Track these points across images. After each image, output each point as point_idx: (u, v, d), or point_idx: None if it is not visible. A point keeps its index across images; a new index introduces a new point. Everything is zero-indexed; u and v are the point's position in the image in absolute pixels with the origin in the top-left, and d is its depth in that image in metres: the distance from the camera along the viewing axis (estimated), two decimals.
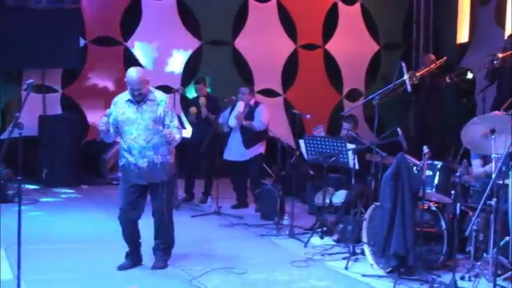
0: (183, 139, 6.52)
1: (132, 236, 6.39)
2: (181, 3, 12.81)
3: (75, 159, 11.52)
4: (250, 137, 9.31)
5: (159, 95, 6.26)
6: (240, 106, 9.27)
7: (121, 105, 6.17)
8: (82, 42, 12.02)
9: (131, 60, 12.51)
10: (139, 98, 6.07)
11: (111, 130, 6.12)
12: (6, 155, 4.85)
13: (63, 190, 10.95)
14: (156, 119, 6.12)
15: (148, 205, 6.40)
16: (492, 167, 5.76)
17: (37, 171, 11.48)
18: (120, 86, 4.47)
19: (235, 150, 9.40)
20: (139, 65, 12.59)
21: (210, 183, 10.07)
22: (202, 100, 9.77)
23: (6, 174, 9.87)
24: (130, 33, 12.46)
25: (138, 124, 6.09)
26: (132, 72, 6.08)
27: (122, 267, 6.33)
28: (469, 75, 12.67)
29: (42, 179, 11.34)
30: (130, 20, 12.52)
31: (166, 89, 12.22)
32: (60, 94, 12.27)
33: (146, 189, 6.29)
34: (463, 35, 13.25)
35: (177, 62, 12.70)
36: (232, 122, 9.28)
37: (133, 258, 6.46)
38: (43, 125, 11.79)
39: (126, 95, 6.19)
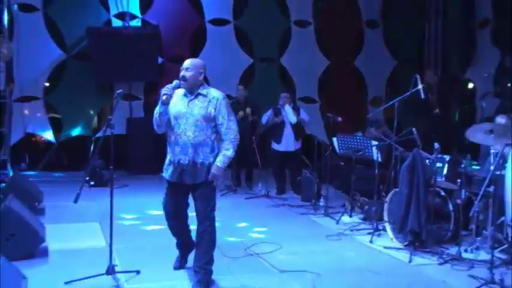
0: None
1: (180, 234, 5.21)
2: (237, 28, 12.87)
3: (155, 152, 11.65)
4: (299, 130, 9.37)
5: (213, 91, 4.85)
6: (288, 107, 9.26)
7: (176, 98, 4.84)
8: (160, 60, 12.17)
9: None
10: (185, 85, 4.74)
11: (165, 118, 4.81)
12: (101, 149, 4.97)
13: (146, 176, 11.07)
14: (206, 116, 4.74)
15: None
16: (491, 160, 5.73)
17: (125, 161, 11.66)
18: None
19: (287, 143, 9.36)
20: (205, 78, 12.71)
21: (252, 172, 10.08)
22: (248, 110, 9.77)
23: (101, 164, 10.06)
24: (198, 52, 12.57)
25: (187, 119, 4.74)
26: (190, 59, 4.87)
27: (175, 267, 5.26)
28: (470, 85, 12.55)
29: (130, 167, 11.53)
30: (198, 41, 12.62)
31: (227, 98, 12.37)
32: (143, 101, 12.45)
33: (189, 189, 4.92)
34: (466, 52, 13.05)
35: (234, 75, 12.72)
36: (293, 119, 9.25)
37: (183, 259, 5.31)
38: (130, 125, 11.98)
39: (183, 90, 4.86)
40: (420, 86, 6.69)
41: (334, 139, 7.73)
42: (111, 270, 4.84)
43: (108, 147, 4.85)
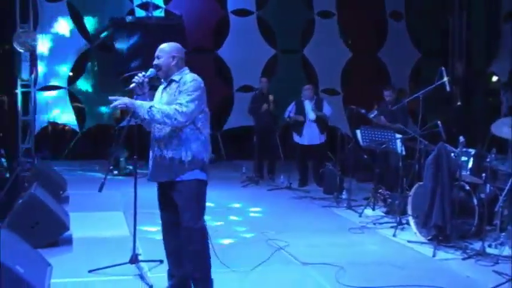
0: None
1: (169, 245, 4.27)
2: (260, 19, 12.84)
3: None
4: (322, 124, 9.31)
5: (187, 76, 4.09)
6: (308, 104, 9.22)
7: (159, 88, 4.30)
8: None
9: (221, 65, 12.65)
10: (160, 74, 4.15)
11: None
12: (125, 139, 4.99)
13: None
14: (171, 103, 3.98)
15: None
16: None
17: (148, 151, 11.70)
18: (211, 84, 4.14)
19: (310, 136, 9.32)
20: (227, 68, 12.72)
21: (274, 164, 10.08)
22: (271, 98, 9.73)
23: (125, 154, 10.13)
24: (221, 42, 12.56)
25: None
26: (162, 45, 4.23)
27: None
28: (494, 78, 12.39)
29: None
30: (221, 32, 12.62)
31: (247, 88, 12.38)
32: None
33: (167, 190, 4.15)
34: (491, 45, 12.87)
35: (257, 66, 12.69)
36: (312, 116, 9.21)
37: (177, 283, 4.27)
38: None
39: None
40: (446, 79, 6.61)
41: (358, 131, 7.69)
42: (134, 259, 4.88)
43: (132, 137, 4.87)
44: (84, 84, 12.14)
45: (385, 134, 7.31)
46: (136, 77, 4.15)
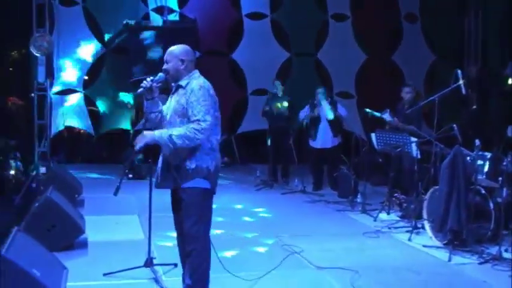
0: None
1: (183, 249, 4.21)
2: (274, 22, 12.85)
3: None
4: (336, 126, 9.27)
5: (194, 82, 3.99)
6: (325, 103, 9.20)
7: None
8: (196, 54, 12.22)
9: (235, 68, 12.67)
10: (169, 78, 4.09)
11: (152, 117, 4.17)
12: None
13: None
14: (177, 109, 3.96)
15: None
16: None
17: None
18: (225, 88, 4.03)
19: (323, 139, 9.29)
20: (241, 71, 12.74)
21: (288, 168, 10.07)
22: (285, 103, 9.72)
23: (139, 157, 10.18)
24: (235, 46, 12.58)
25: (166, 116, 4.11)
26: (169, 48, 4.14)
27: None
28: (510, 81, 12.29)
29: None
30: (235, 35, 12.64)
31: (261, 91, 12.39)
32: None
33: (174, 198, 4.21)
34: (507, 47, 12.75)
35: (271, 69, 12.68)
36: (331, 115, 9.18)
37: None
38: None
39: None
40: (461, 82, 6.57)
41: (373, 135, 7.65)
42: (149, 263, 4.90)
43: None
44: (99, 88, 12.21)
45: (400, 137, 7.27)
46: (144, 82, 4.08)
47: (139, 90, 4.09)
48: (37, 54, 10.44)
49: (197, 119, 3.85)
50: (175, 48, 4.12)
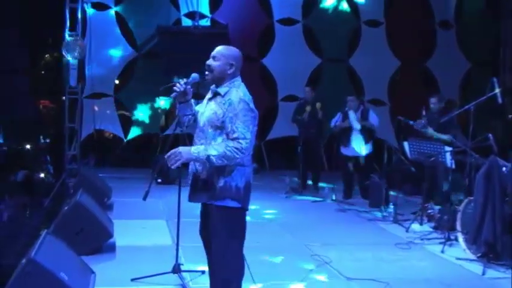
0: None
1: (209, 259, 4.07)
2: (306, 27, 12.83)
3: None
4: (367, 134, 9.16)
5: (233, 92, 3.75)
6: (352, 114, 9.14)
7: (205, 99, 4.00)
8: None
9: (265, 74, 12.68)
10: (209, 76, 3.84)
11: (185, 120, 4.03)
12: (171, 147, 4.98)
13: None
14: (212, 120, 3.74)
15: None
16: None
17: None
18: (255, 93, 3.90)
19: (355, 147, 9.19)
20: (272, 77, 12.75)
21: (319, 175, 10.00)
22: (318, 104, 9.66)
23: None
24: (266, 52, 12.59)
25: (200, 122, 3.91)
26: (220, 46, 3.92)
27: None
28: None
29: None
30: (266, 41, 12.66)
31: (291, 98, 12.37)
32: None
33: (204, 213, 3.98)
34: None
35: (302, 75, 12.65)
36: (357, 125, 9.11)
37: None
38: None
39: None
40: (498, 90, 6.46)
41: (406, 143, 7.57)
42: (177, 269, 4.91)
43: (178, 145, 4.89)
44: (130, 92, 12.34)
45: (434, 146, 7.17)
46: (177, 85, 3.92)
47: (173, 94, 3.94)
48: (69, 58, 10.61)
49: (236, 136, 3.63)
50: (226, 49, 3.87)
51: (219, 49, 3.88)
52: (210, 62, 3.85)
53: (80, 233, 5.57)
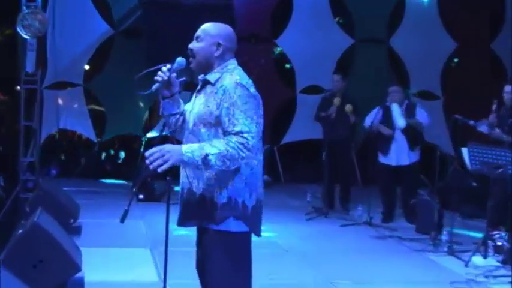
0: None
1: None
2: None
3: None
4: (415, 137, 9.16)
5: (226, 77, 3.63)
6: (396, 107, 9.10)
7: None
8: None
9: (280, 58, 12.68)
10: (193, 63, 3.74)
11: (172, 120, 3.89)
12: None
13: None
14: (204, 116, 3.60)
15: None
16: None
17: None
18: (267, 84, 3.81)
19: (398, 154, 9.21)
20: (289, 63, 12.74)
21: (349, 191, 9.96)
22: (348, 106, 9.58)
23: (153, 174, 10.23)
24: (281, 29, 12.59)
25: (188, 121, 3.77)
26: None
27: None
28: None
29: None
30: (281, 16, 12.65)
31: (314, 89, 12.35)
32: None
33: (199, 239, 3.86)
34: None
35: (328, 60, 12.64)
36: (402, 122, 9.09)
37: None
38: None
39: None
40: None
41: (465, 150, 7.53)
42: None
43: None
44: (104, 81, 12.36)
45: (503, 154, 7.11)
46: (159, 73, 3.77)
47: (154, 85, 3.78)
48: (26, 36, 10.60)
49: (239, 130, 3.48)
50: (212, 26, 3.80)
51: (203, 27, 3.81)
52: (192, 44, 3.78)
53: (38, 265, 5.53)
